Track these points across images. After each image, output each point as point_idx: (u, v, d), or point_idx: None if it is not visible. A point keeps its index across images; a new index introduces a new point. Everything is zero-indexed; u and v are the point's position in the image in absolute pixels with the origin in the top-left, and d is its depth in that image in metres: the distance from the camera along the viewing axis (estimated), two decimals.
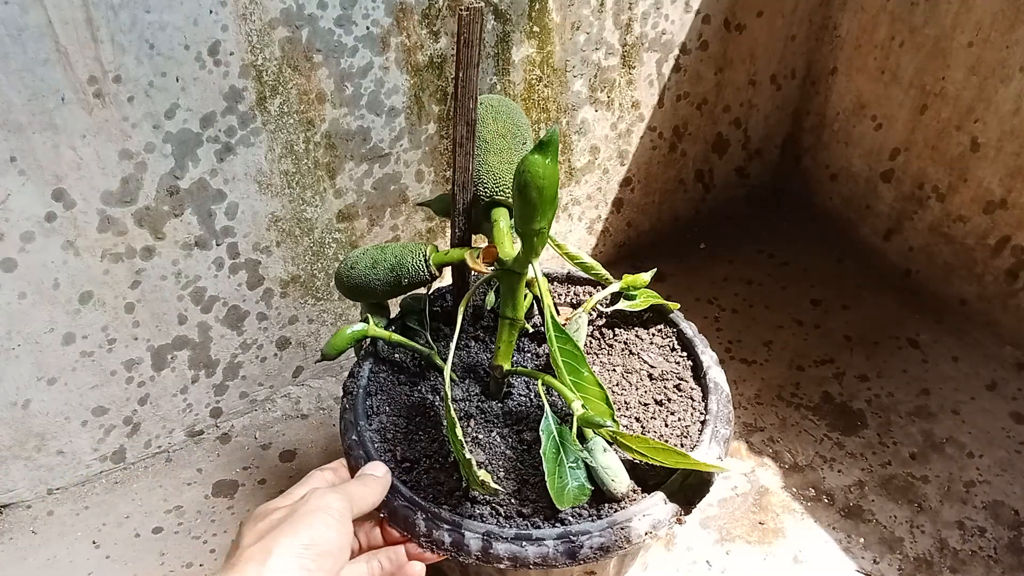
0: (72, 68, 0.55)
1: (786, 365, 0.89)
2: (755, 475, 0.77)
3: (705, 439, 0.53)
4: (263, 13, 0.61)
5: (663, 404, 0.57)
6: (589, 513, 0.49)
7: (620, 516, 0.48)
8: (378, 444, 0.55)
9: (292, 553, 0.39)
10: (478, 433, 0.56)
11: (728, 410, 0.56)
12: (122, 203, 0.63)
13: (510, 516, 0.50)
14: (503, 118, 0.56)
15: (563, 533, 0.48)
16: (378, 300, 0.60)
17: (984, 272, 0.91)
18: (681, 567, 0.69)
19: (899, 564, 0.69)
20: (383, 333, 0.59)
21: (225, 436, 0.82)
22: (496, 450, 0.54)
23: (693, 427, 0.55)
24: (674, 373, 0.60)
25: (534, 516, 0.50)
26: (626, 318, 0.64)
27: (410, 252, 0.55)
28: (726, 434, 0.54)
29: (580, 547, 0.47)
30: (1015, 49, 0.79)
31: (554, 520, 0.49)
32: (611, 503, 0.50)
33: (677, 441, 0.54)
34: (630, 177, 0.97)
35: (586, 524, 0.48)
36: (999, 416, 0.82)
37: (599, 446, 0.50)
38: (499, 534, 0.48)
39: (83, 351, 0.68)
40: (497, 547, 0.47)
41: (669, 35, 0.87)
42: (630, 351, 0.62)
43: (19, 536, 0.72)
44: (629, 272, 0.64)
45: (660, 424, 0.56)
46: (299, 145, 0.69)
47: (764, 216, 1.13)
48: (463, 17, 0.47)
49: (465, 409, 0.57)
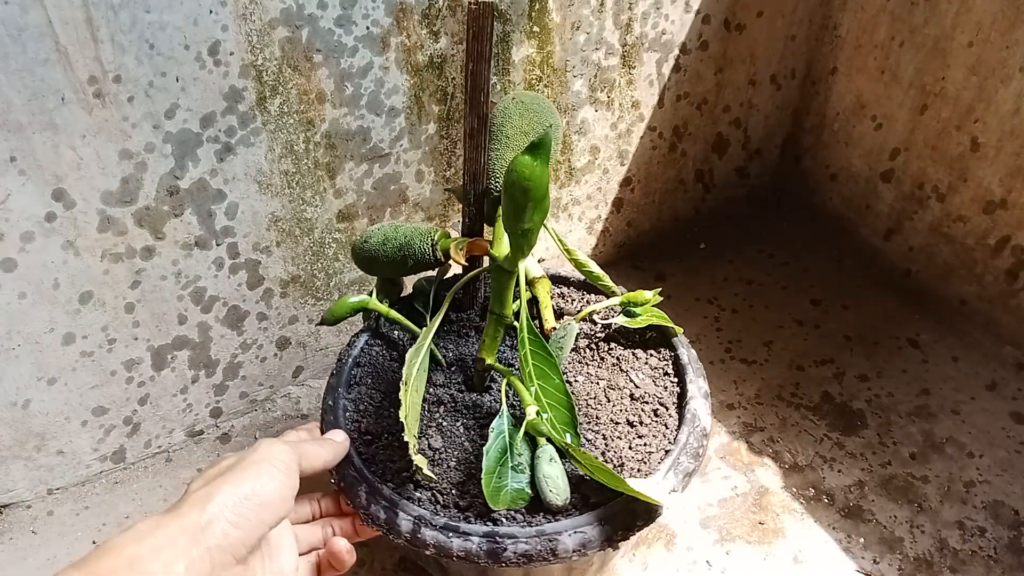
0: (72, 68, 0.55)
1: (786, 365, 0.89)
2: (755, 475, 0.77)
3: (663, 469, 0.51)
4: (263, 13, 0.61)
5: (635, 426, 0.56)
6: (524, 519, 0.49)
7: (550, 528, 0.48)
8: (349, 412, 0.57)
9: (232, 501, 0.40)
10: (444, 420, 0.56)
11: (700, 444, 0.53)
12: (122, 203, 0.63)
13: (447, 506, 0.51)
14: (530, 115, 0.57)
15: (490, 532, 0.48)
16: (389, 276, 0.62)
17: (984, 272, 0.91)
18: (681, 567, 0.69)
19: (899, 564, 0.69)
20: (381, 308, 0.60)
21: (225, 436, 0.82)
22: (455, 440, 0.55)
23: (656, 455, 0.53)
24: (656, 397, 0.58)
25: (469, 510, 0.50)
26: (627, 334, 0.63)
27: (419, 235, 0.57)
28: (689, 468, 0.52)
29: (504, 550, 0.47)
30: (1015, 49, 0.79)
31: (487, 519, 0.49)
32: (548, 514, 0.49)
33: (635, 465, 0.53)
34: (630, 177, 0.97)
35: (515, 528, 0.48)
36: (999, 416, 0.82)
37: (547, 455, 0.50)
38: (430, 520, 0.49)
39: (83, 351, 0.68)
40: (425, 533, 0.48)
41: (669, 35, 0.87)
42: (620, 368, 0.60)
43: (19, 536, 0.72)
44: (629, 272, 0.64)
45: (624, 445, 0.54)
46: (299, 145, 0.69)
47: (764, 216, 1.13)
48: (473, 11, 0.48)
49: (439, 395, 0.58)
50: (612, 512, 0.49)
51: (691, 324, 0.95)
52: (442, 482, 0.52)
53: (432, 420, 0.57)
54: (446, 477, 0.52)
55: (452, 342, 0.63)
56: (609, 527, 0.48)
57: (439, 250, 0.55)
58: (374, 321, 0.64)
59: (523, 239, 0.46)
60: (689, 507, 0.74)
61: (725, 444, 0.80)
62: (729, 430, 0.82)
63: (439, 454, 0.54)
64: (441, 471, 0.53)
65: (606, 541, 0.48)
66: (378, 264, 0.59)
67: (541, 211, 0.45)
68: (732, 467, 0.78)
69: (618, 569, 0.68)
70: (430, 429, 0.56)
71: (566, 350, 0.57)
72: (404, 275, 0.61)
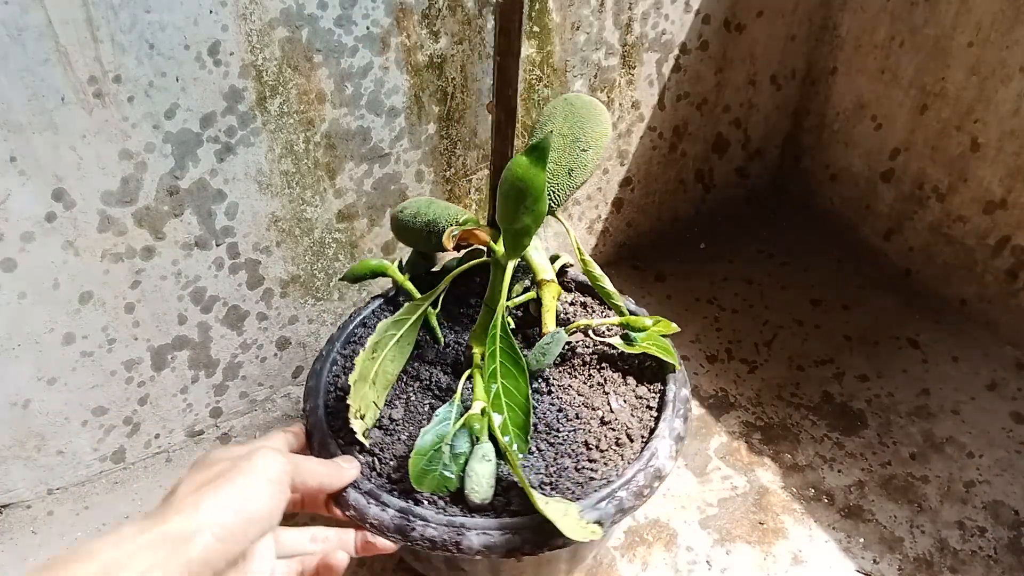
0: (72, 68, 0.55)
1: (786, 365, 0.89)
2: (755, 475, 0.77)
3: (594, 498, 0.49)
4: (263, 13, 0.61)
5: (591, 449, 0.54)
6: (443, 506, 0.50)
7: (460, 521, 0.48)
8: (337, 366, 0.60)
9: (219, 514, 0.38)
10: (413, 395, 0.57)
11: (648, 484, 0.50)
12: (122, 203, 0.63)
13: (381, 475, 0.52)
14: (573, 120, 0.57)
15: (405, 509, 0.48)
16: (419, 249, 0.64)
17: (984, 272, 0.91)
18: (681, 567, 0.69)
19: (899, 564, 0.69)
20: (397, 275, 0.62)
21: (225, 436, 0.82)
22: (416, 416, 0.56)
23: (597, 482, 0.51)
24: (626, 428, 0.55)
25: (397, 484, 0.51)
26: (625, 358, 0.60)
27: (445, 216, 0.59)
28: (626, 504, 0.49)
29: (412, 529, 0.48)
30: (1015, 49, 0.79)
31: (409, 496, 0.50)
32: (467, 509, 0.49)
33: (571, 487, 0.51)
34: (630, 177, 0.97)
35: (429, 512, 0.48)
36: (999, 416, 0.82)
37: (482, 451, 0.49)
38: (358, 483, 0.50)
39: (83, 351, 0.68)
40: (349, 492, 0.50)
41: (669, 35, 0.87)
42: (604, 390, 0.58)
43: (19, 536, 0.72)
44: (629, 272, 0.63)
45: (571, 464, 0.52)
46: (299, 145, 0.69)
47: (764, 216, 1.13)
48: (502, 6, 0.49)
49: (419, 371, 0.59)
50: (528, 524, 0.47)
51: (691, 324, 0.95)
52: (384, 452, 0.53)
53: (403, 393, 0.58)
54: (391, 449, 0.53)
55: (462, 324, 0.64)
56: (518, 538, 0.47)
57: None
58: (393, 289, 0.66)
59: (515, 238, 0.46)
60: (689, 507, 0.74)
61: (725, 444, 0.80)
62: (729, 430, 0.82)
63: (395, 425, 0.55)
64: (390, 441, 0.54)
65: (510, 551, 0.47)
66: (409, 235, 0.62)
67: (533, 214, 0.44)
68: (732, 467, 0.78)
69: (618, 569, 0.68)
70: (397, 401, 0.57)
71: (549, 357, 0.56)
72: (432, 251, 0.63)
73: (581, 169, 0.58)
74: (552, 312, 0.58)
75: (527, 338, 0.63)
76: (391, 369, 0.54)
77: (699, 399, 0.85)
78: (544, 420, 0.56)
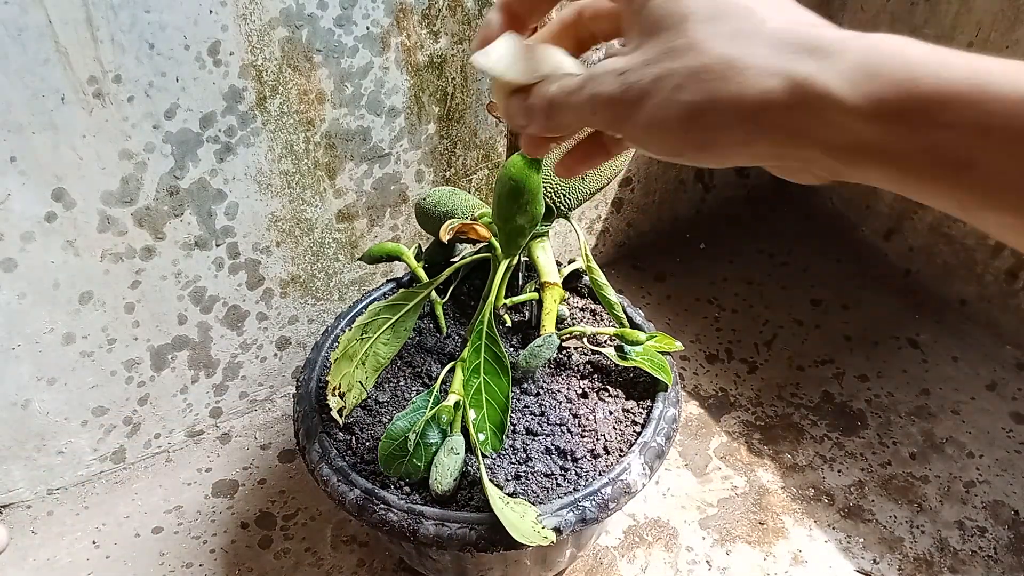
0: (72, 68, 0.55)
1: (786, 365, 0.89)
2: (755, 475, 0.77)
3: (553, 508, 0.49)
4: (263, 13, 0.61)
5: (566, 457, 0.54)
6: (408, 493, 0.50)
7: (419, 509, 0.48)
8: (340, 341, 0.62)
9: None
10: (403, 380, 0.58)
11: (615, 498, 0.50)
12: (122, 203, 0.63)
13: (356, 454, 0.53)
14: None
15: (369, 491, 0.49)
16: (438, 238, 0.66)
17: (984, 272, 0.91)
18: (681, 567, 0.69)
19: (899, 564, 0.69)
20: (410, 260, 0.63)
21: (225, 436, 0.82)
22: (402, 401, 0.57)
23: (561, 491, 0.51)
24: (605, 440, 0.55)
25: (367, 465, 0.52)
26: (620, 371, 0.60)
27: (464, 208, 0.60)
28: (590, 515, 0.49)
29: (373, 512, 0.48)
30: (1015, 49, 0.79)
31: (375, 477, 0.51)
32: (431, 499, 0.50)
33: (538, 492, 0.51)
34: (630, 177, 0.97)
35: (392, 496, 0.49)
36: (999, 416, 0.82)
37: (451, 444, 0.50)
38: (332, 459, 0.51)
39: (83, 351, 0.68)
40: (323, 469, 0.51)
41: None
42: (592, 399, 0.58)
43: (19, 536, 0.72)
44: (629, 272, 0.63)
45: (541, 468, 0.53)
46: (299, 145, 0.69)
47: (764, 216, 1.13)
48: None
49: (413, 358, 0.60)
50: (485, 521, 0.47)
51: (691, 324, 0.95)
52: (363, 432, 0.54)
53: (394, 377, 0.59)
54: (370, 430, 0.54)
55: (470, 317, 0.64)
56: (473, 534, 0.47)
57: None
58: (408, 275, 0.68)
59: (510, 237, 0.46)
60: (689, 507, 0.74)
61: (725, 444, 0.80)
62: (729, 430, 0.82)
63: (380, 407, 0.56)
64: (371, 423, 0.55)
65: (464, 546, 0.47)
66: (429, 223, 0.63)
67: (527, 215, 0.44)
68: (732, 467, 0.78)
69: (618, 569, 0.68)
70: (386, 384, 0.58)
71: (540, 360, 0.56)
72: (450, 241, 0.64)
73: (596, 174, 0.57)
74: (552, 315, 0.57)
75: (526, 338, 0.63)
76: (384, 352, 0.54)
77: (699, 399, 0.85)
78: (525, 421, 0.56)
